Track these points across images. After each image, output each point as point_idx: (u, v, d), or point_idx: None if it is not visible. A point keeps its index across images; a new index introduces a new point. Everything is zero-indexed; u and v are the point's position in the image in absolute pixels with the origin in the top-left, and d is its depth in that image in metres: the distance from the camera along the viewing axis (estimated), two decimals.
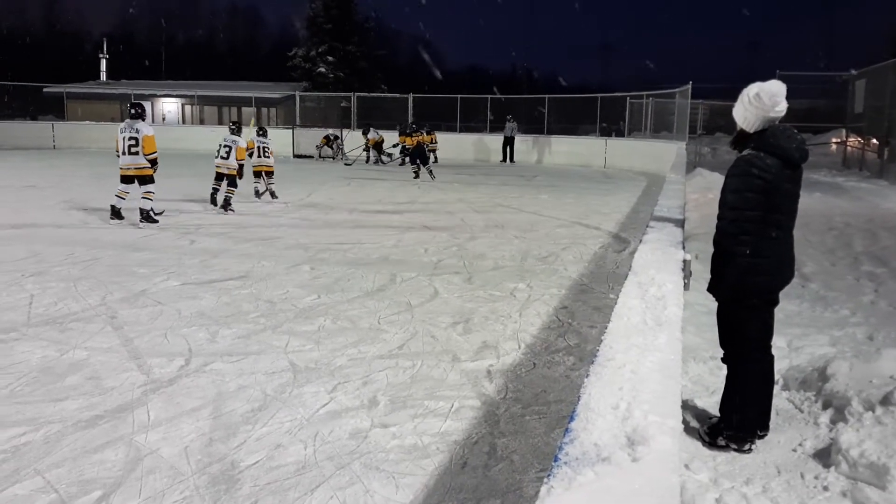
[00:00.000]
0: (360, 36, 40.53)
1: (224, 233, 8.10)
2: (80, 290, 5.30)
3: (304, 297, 5.32)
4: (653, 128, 22.50)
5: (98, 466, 2.68)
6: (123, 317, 4.65)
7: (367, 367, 3.87)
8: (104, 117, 29.91)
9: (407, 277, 6.04)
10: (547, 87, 30.19)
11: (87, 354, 3.91)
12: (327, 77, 37.52)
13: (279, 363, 3.88)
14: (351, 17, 40.45)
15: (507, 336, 4.49)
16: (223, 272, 6.07)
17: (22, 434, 2.93)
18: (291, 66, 39.96)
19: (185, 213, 9.58)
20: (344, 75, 37.63)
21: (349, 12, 40.42)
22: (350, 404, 3.35)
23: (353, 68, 38.70)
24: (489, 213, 10.51)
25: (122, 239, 7.54)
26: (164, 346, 4.11)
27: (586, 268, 6.67)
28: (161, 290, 5.36)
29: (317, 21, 39.73)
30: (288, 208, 10.45)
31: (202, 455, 2.79)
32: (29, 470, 2.64)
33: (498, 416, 3.26)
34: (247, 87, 35.53)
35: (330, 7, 39.42)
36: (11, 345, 4.04)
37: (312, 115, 26.40)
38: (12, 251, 6.70)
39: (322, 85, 35.78)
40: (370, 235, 8.16)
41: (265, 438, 2.95)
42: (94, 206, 10.06)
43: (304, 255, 6.86)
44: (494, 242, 7.91)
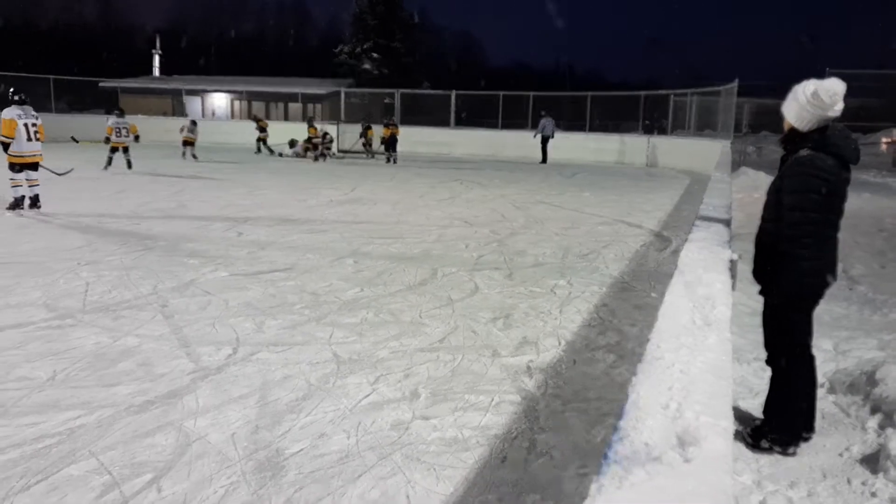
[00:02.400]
0: (404, 33, 40.74)
1: (271, 225, 8.24)
2: (133, 278, 5.46)
3: (348, 289, 5.39)
4: (696, 125, 22.14)
5: (149, 450, 2.77)
6: (174, 306, 4.77)
7: (408, 359, 3.91)
8: (156, 111, 30.62)
9: (448, 272, 6.07)
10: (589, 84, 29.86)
11: (139, 341, 4.03)
12: (372, 73, 37.79)
13: (323, 354, 3.94)
14: (396, 15, 40.68)
15: (547, 332, 4.49)
16: (270, 264, 6.18)
17: (77, 417, 3.04)
18: (337, 62, 40.38)
19: (234, 206, 9.76)
20: (388, 72, 37.84)
21: (394, 9, 40.64)
22: (392, 396, 3.39)
23: (396, 65, 38.92)
24: (530, 209, 10.48)
25: (174, 230, 7.72)
26: (212, 335, 4.21)
27: (627, 266, 6.61)
28: (210, 281, 5.49)
29: (362, 18, 40.07)
30: (332, 203, 10.57)
31: (248, 442, 2.86)
32: (83, 452, 2.74)
33: (538, 412, 3.26)
34: (293, 83, 35.91)
35: (376, 4, 39.68)
36: (67, 331, 4.19)
37: (357, 111, 26.59)
38: (69, 240, 6.92)
39: (366, 81, 36.05)
40: (412, 230, 8.22)
41: (309, 427, 3.01)
42: (147, 197, 10.33)
43: (347, 249, 6.94)
44: (535, 239, 7.89)
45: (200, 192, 11.31)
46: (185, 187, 12.02)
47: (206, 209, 9.37)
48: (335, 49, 41.65)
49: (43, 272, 5.57)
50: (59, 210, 8.91)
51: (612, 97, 25.25)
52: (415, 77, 38.05)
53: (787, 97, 2.91)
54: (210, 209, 9.38)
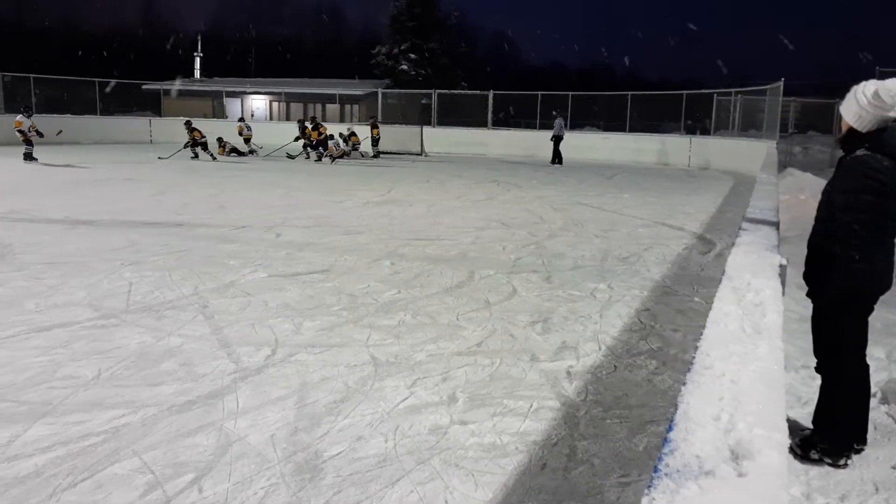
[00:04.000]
0: (441, 33, 40.83)
1: (308, 226, 8.31)
2: (175, 279, 5.54)
3: (385, 291, 5.39)
4: (740, 125, 21.74)
5: (191, 450, 2.79)
6: (214, 306, 4.83)
7: (446, 363, 3.89)
8: (197, 113, 31.13)
9: (485, 275, 6.04)
10: (628, 83, 29.55)
11: (181, 342, 4.08)
12: (409, 74, 37.94)
13: (361, 356, 3.95)
14: (433, 15, 40.79)
15: (587, 337, 4.43)
16: (307, 265, 6.22)
17: (121, 416, 3.08)
18: (374, 63, 40.63)
19: (272, 208, 9.86)
20: (425, 72, 37.96)
21: (431, 11, 40.75)
22: (429, 400, 3.38)
23: (434, 65, 39.02)
24: (568, 210, 10.40)
25: (214, 231, 7.83)
26: (251, 335, 4.25)
27: (669, 269, 6.50)
28: (249, 282, 5.55)
29: (400, 19, 40.27)
30: (369, 204, 10.61)
31: (287, 444, 2.87)
32: (127, 451, 2.78)
33: (578, 419, 3.22)
34: (331, 84, 36.23)
35: (413, 6, 39.85)
36: (112, 330, 4.27)
37: (394, 111, 26.72)
38: (112, 240, 7.06)
39: (404, 82, 36.20)
40: (449, 232, 8.20)
41: (347, 430, 3.01)
42: (187, 199, 10.51)
43: (384, 251, 6.95)
44: (574, 241, 7.82)
45: (239, 194, 11.46)
46: (224, 189, 12.19)
47: (245, 210, 9.48)
48: (372, 50, 41.90)
49: (87, 272, 5.69)
50: (102, 211, 9.11)
51: (652, 97, 24.94)
52: (452, 77, 38.09)
53: (845, 97, 2.83)
54: (249, 210, 9.49)
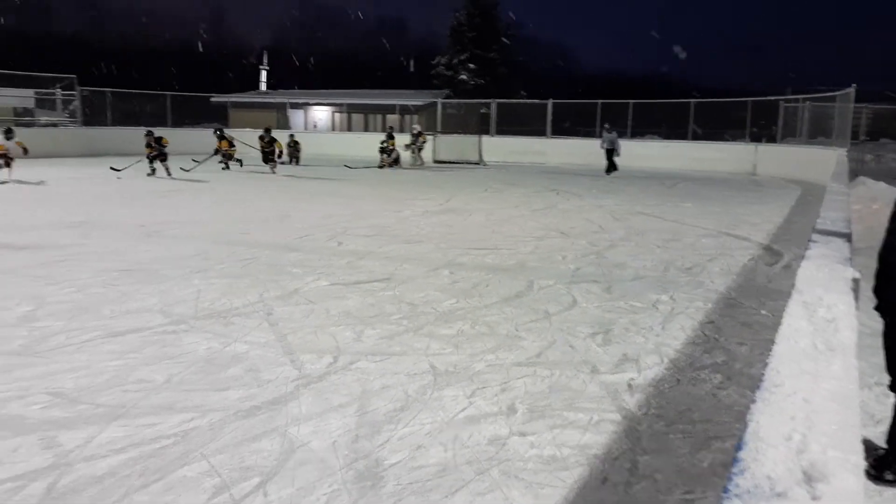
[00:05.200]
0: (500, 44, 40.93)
1: (369, 236, 8.42)
2: (241, 286, 5.70)
3: (444, 300, 5.42)
4: (808, 133, 21.07)
5: (256, 455, 2.87)
6: (279, 313, 4.94)
7: (505, 373, 3.89)
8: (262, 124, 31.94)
9: (544, 285, 6.01)
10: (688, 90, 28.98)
11: (247, 348, 4.19)
12: (468, 84, 38.13)
13: (420, 365, 3.98)
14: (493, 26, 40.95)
15: (648, 349, 4.36)
16: (368, 274, 6.31)
17: (190, 420, 3.19)
18: (434, 73, 40.99)
19: (334, 217, 10.03)
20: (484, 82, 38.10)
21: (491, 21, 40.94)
22: (488, 410, 3.38)
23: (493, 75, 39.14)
24: (629, 220, 10.25)
25: (278, 239, 8.02)
26: (314, 343, 4.33)
27: (734, 281, 6.34)
28: (312, 290, 5.65)
29: (460, 30, 40.57)
30: (428, 213, 10.69)
31: (349, 451, 2.92)
32: (196, 454, 2.87)
33: (640, 433, 3.17)
34: (391, 95, 36.70)
35: (473, 16, 40.10)
36: (181, 335, 4.41)
37: (453, 121, 26.85)
38: (182, 249, 7.31)
39: (463, 92, 36.40)
40: (507, 241, 8.19)
41: (407, 438, 3.04)
42: (251, 209, 10.78)
43: (443, 260, 6.99)
44: (635, 251, 7.71)
45: (301, 203, 11.70)
46: (287, 198, 12.46)
47: (308, 219, 9.67)
48: (432, 61, 42.31)
49: (159, 279, 5.90)
50: (172, 220, 9.43)
51: (715, 104, 24.40)
52: (511, 87, 38.12)
53: None
54: (311, 219, 9.67)
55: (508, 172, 19.99)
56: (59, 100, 25.18)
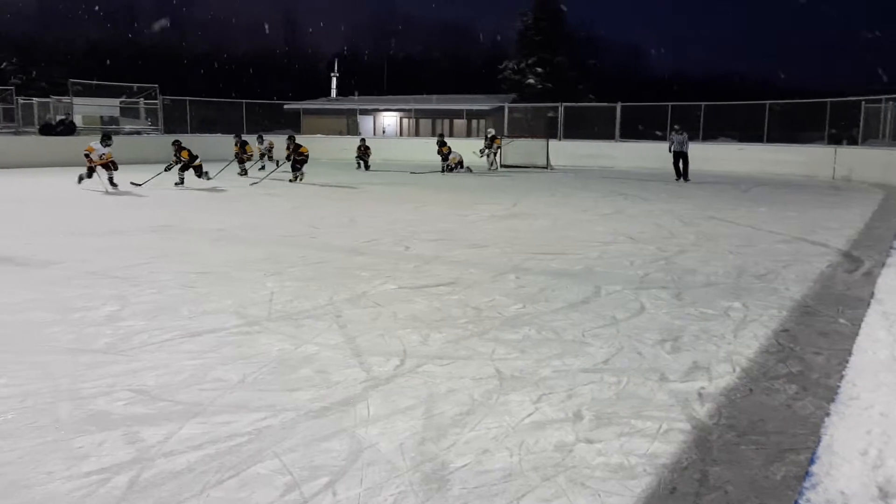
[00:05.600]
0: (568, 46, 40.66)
1: (435, 240, 8.49)
2: (311, 289, 5.84)
3: (510, 305, 5.42)
4: (892, 134, 20.12)
5: (325, 455, 2.94)
6: (347, 316, 5.05)
7: (571, 379, 3.86)
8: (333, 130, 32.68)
9: (612, 290, 5.94)
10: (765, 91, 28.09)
11: (317, 349, 4.30)
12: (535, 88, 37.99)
13: (486, 370, 4.00)
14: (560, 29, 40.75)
15: (720, 358, 4.26)
16: (435, 278, 6.37)
17: (263, 419, 3.29)
18: (502, 78, 41.02)
19: (401, 221, 10.16)
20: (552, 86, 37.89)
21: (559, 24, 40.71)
22: (555, 416, 3.37)
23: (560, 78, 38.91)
24: (699, 225, 10.02)
25: (346, 243, 8.18)
26: (381, 345, 4.40)
27: (811, 288, 6.13)
28: (379, 293, 5.75)
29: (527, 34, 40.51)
30: (494, 218, 10.70)
31: (415, 453, 2.96)
32: (269, 452, 2.96)
33: (710, 443, 3.10)
34: (458, 100, 36.92)
35: (541, 20, 39.99)
36: (255, 336, 4.56)
37: (520, 125, 26.79)
38: (255, 252, 7.54)
39: (530, 96, 36.31)
40: (574, 246, 8.13)
41: (473, 442, 3.06)
42: (321, 213, 11.03)
43: (509, 264, 6.99)
44: (706, 257, 7.53)
45: (370, 208, 11.89)
46: (356, 203, 12.69)
47: (376, 224, 9.83)
48: (500, 65, 42.33)
49: (233, 282, 6.10)
50: (245, 224, 9.73)
51: (792, 105, 23.57)
52: (578, 90, 37.79)
53: None
54: (379, 224, 9.83)
55: (576, 176, 19.81)
56: (142, 108, 26.32)
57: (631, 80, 52.76)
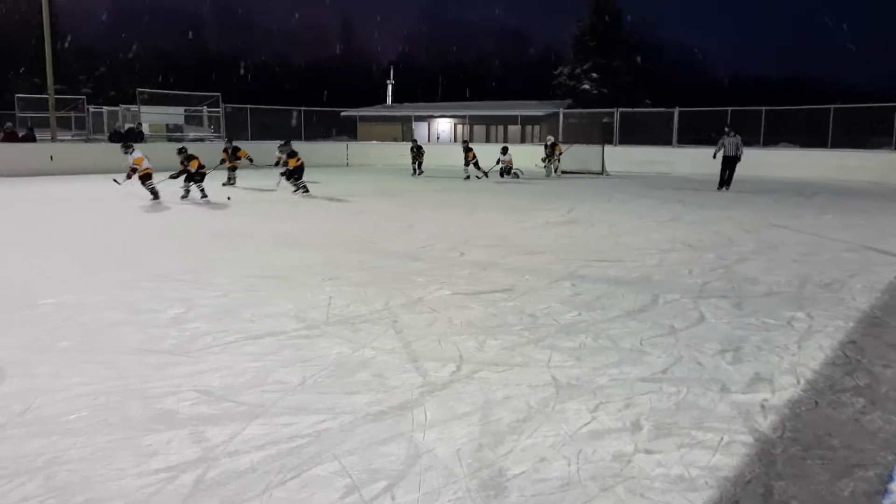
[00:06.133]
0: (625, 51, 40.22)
1: (490, 246, 8.50)
2: (368, 294, 5.92)
3: (566, 312, 5.40)
4: None
5: (384, 458, 2.98)
6: (403, 321, 5.10)
7: (629, 388, 3.83)
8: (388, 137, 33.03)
9: (670, 299, 5.85)
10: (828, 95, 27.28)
11: (374, 354, 4.36)
12: (591, 94, 37.68)
13: (542, 377, 3.99)
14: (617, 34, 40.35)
15: (783, 369, 4.15)
16: (490, 284, 6.38)
17: (322, 421, 3.35)
18: (556, 84, 40.82)
19: (456, 227, 10.20)
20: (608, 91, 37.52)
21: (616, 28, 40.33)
22: (612, 426, 3.34)
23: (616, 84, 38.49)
24: (761, 232, 9.78)
25: (402, 248, 8.26)
26: (437, 351, 4.44)
27: (879, 298, 5.92)
28: (435, 299, 5.79)
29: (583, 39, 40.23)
30: (549, 224, 10.65)
31: (473, 459, 2.97)
32: (328, 454, 3.02)
33: (774, 456, 3.04)
34: (513, 105, 36.86)
35: (597, 24, 39.67)
36: (315, 340, 4.65)
37: (575, 131, 26.58)
38: (314, 256, 7.68)
39: (585, 102, 36.01)
40: (631, 253, 8.03)
41: (530, 450, 3.06)
42: (379, 218, 11.16)
43: (564, 271, 6.95)
44: (768, 265, 7.35)
45: (425, 213, 11.97)
46: (412, 208, 12.79)
47: (431, 229, 9.89)
48: (554, 71, 42.14)
49: (293, 285, 6.23)
50: (305, 229, 9.92)
51: (858, 109, 22.79)
52: (635, 95, 37.32)
53: None
54: (434, 229, 9.89)
55: (632, 183, 19.55)
56: (205, 116, 27.12)
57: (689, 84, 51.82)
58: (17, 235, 9.34)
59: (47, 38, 22.35)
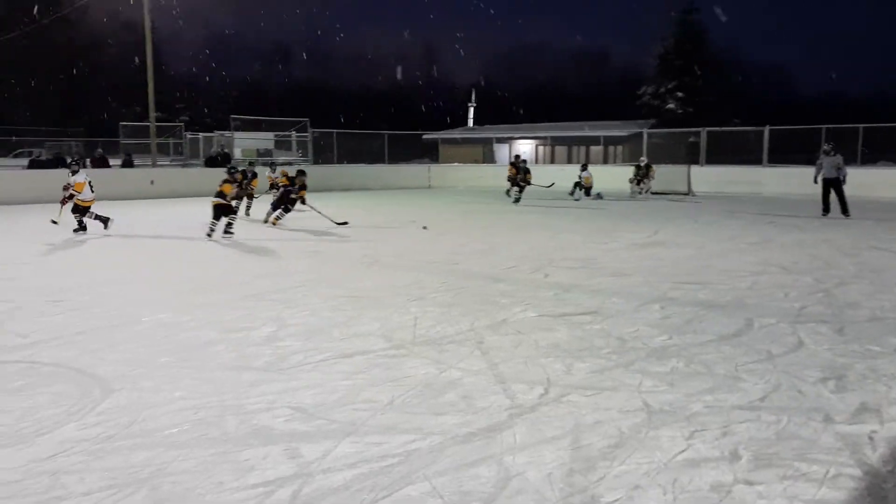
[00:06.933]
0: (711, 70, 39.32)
1: (574, 268, 8.41)
2: (453, 315, 5.96)
3: (655, 336, 5.28)
4: None
5: (474, 480, 2.98)
6: (489, 342, 5.10)
7: (725, 416, 3.70)
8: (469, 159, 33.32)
9: (765, 323, 5.64)
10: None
11: (461, 375, 4.38)
12: (675, 113, 36.96)
13: (633, 402, 3.90)
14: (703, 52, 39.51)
15: (892, 399, 3.93)
16: (575, 306, 6.31)
17: (412, 441, 3.38)
18: (640, 104, 40.27)
19: (539, 248, 10.15)
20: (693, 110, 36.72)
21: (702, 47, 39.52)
22: (709, 454, 3.23)
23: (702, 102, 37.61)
24: (861, 255, 9.30)
25: (486, 270, 8.27)
26: (524, 373, 4.41)
27: None
28: (520, 320, 5.77)
29: (668, 58, 39.60)
30: (635, 246, 10.45)
31: (564, 484, 2.93)
32: (419, 474, 3.04)
33: (885, 491, 2.87)
34: (594, 126, 36.55)
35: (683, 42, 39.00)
36: (401, 360, 4.71)
37: (660, 151, 26.08)
38: (399, 278, 7.79)
39: (670, 121, 35.32)
40: (721, 276, 7.79)
41: (623, 477, 3.00)
42: (462, 240, 11.23)
43: (652, 294, 6.80)
44: (869, 290, 6.97)
45: (508, 235, 11.95)
46: (495, 230, 12.81)
47: (514, 251, 9.86)
48: (637, 91, 41.56)
49: (380, 306, 6.33)
50: (391, 250, 10.07)
51: None
52: (722, 114, 36.32)
53: None
54: (517, 251, 9.86)
55: (720, 203, 18.98)
56: (294, 141, 28.06)
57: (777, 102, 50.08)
58: (120, 256, 9.87)
59: (150, 71, 23.72)
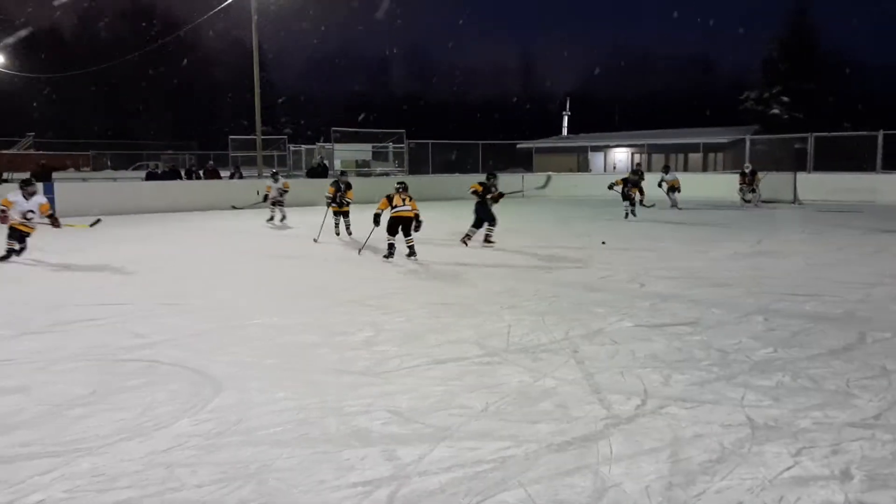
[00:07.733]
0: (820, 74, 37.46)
1: (672, 277, 8.19)
2: (547, 323, 5.93)
3: (759, 349, 5.08)
4: None
5: (569, 489, 2.96)
6: (584, 352, 5.05)
7: (835, 434, 3.52)
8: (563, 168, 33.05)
9: (880, 337, 5.33)
10: None
11: (556, 384, 4.35)
12: (781, 118, 35.42)
13: (735, 416, 3.78)
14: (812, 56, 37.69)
15: None
16: (673, 317, 6.15)
17: (507, 448, 3.40)
18: (743, 109, 38.88)
19: (636, 258, 9.94)
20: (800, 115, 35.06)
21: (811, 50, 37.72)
22: (818, 472, 3.09)
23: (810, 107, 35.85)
24: None
25: (581, 279, 8.18)
26: (621, 383, 4.35)
27: None
28: (616, 330, 5.68)
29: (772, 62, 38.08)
30: (737, 255, 10.08)
31: (662, 497, 2.87)
32: (513, 481, 3.05)
33: None
34: (693, 133, 35.45)
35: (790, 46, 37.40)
36: (496, 367, 4.73)
37: (763, 158, 25.01)
38: (492, 285, 7.82)
39: (774, 127, 33.86)
40: (831, 287, 7.40)
41: (725, 492, 2.91)
42: (559, 249, 11.15)
43: (755, 305, 6.55)
44: None
45: (599, 245, 11.76)
46: (586, 238, 12.60)
47: (610, 260, 9.69)
48: (740, 96, 40.13)
49: (473, 313, 6.38)
50: (484, 258, 10.09)
51: None
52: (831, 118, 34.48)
53: None
54: (612, 259, 9.69)
55: (829, 212, 18.02)
56: (390, 152, 28.65)
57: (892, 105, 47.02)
58: (230, 262, 10.35)
59: (257, 88, 24.92)
